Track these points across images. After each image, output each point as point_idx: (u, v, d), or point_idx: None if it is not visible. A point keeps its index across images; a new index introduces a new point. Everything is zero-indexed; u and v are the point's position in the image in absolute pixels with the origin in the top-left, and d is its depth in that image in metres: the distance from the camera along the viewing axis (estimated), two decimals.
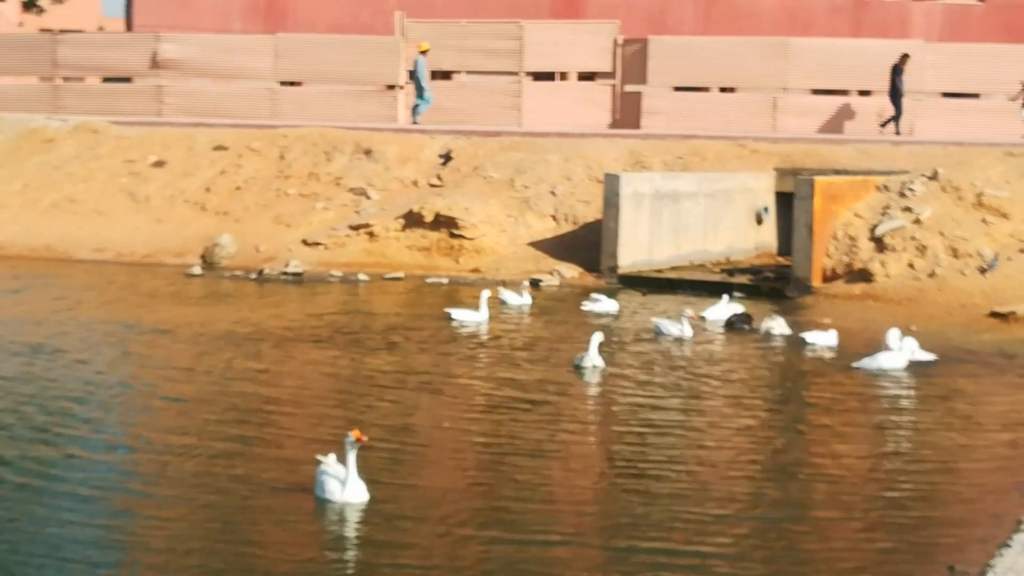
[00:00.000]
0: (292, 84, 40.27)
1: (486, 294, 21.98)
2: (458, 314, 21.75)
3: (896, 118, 35.65)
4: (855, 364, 18.03)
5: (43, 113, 38.14)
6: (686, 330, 20.31)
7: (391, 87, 39.05)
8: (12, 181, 33.67)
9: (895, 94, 35.55)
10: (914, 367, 18.01)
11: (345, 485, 11.49)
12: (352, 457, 11.47)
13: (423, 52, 36.92)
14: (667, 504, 11.78)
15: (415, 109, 37.25)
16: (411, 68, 37.61)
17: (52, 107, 39.82)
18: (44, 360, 18.15)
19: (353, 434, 11.53)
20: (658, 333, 20.50)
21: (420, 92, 37.14)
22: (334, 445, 12.17)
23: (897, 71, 35.43)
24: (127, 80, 42.05)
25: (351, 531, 11.04)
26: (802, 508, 11.83)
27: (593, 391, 17.23)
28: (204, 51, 40.04)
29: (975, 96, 38.06)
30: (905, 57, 35.55)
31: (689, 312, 20.69)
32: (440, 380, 17.45)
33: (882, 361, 17.85)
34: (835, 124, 36.80)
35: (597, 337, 18.14)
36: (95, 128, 35.47)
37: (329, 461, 11.73)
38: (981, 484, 12.51)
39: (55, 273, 27.99)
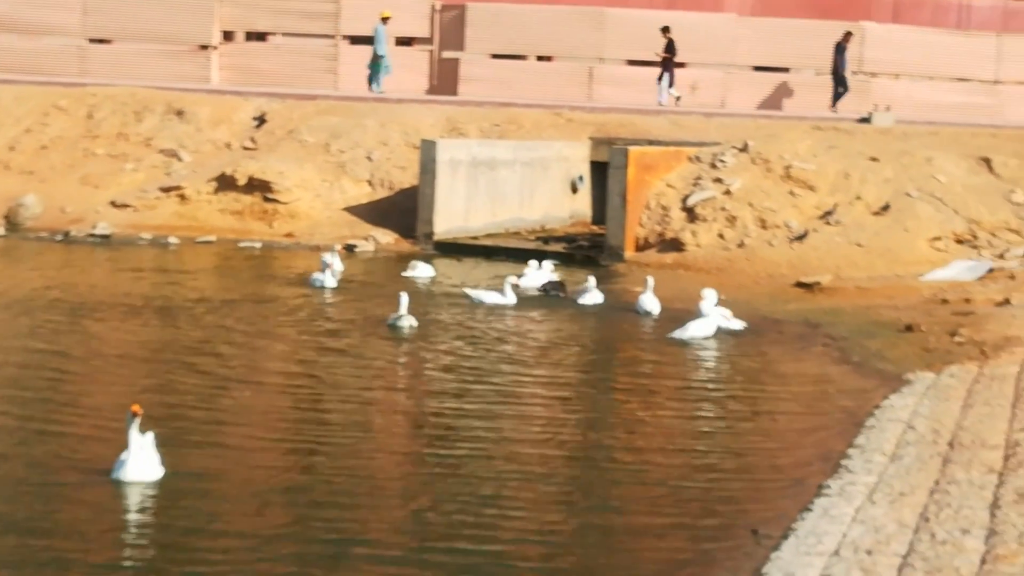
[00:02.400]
0: (102, 41, 39.12)
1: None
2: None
3: (840, 95, 35.44)
4: (670, 335, 18.26)
5: None
6: (509, 297, 20.32)
7: (204, 47, 38.25)
8: None
9: (837, 72, 35.50)
10: (724, 335, 18.35)
11: (126, 463, 10.81)
12: (134, 432, 10.78)
13: (384, 20, 35.90)
14: (471, 471, 11.77)
15: (370, 78, 36.13)
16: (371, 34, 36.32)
17: None
18: None
19: (132, 408, 10.84)
20: (476, 302, 20.46)
21: (375, 60, 36.08)
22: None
23: (840, 49, 35.48)
24: None
25: (132, 511, 10.44)
26: (607, 476, 11.92)
27: (406, 354, 17.20)
28: (10, 4, 38.65)
29: (785, 70, 38.87)
30: (848, 35, 35.70)
31: (513, 279, 20.69)
32: (251, 347, 17.22)
33: (694, 330, 18.12)
34: (649, 95, 37.22)
35: (405, 297, 18.37)
36: None
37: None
38: (786, 451, 12.78)
39: None
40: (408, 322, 18.18)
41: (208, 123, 31.40)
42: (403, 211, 27.82)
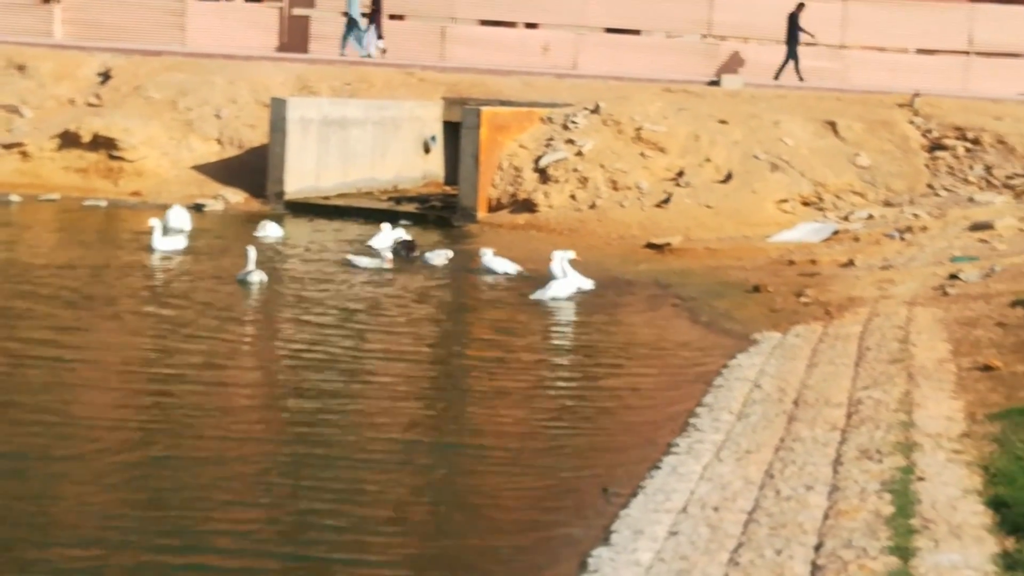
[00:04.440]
0: None
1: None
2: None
3: (792, 64, 35.12)
4: (532, 295, 18.30)
5: None
6: (385, 260, 20.11)
7: (46, 1, 37.18)
8: None
9: (792, 41, 35.16)
10: (576, 296, 18.45)
11: None
12: None
13: None
14: (319, 436, 11.71)
15: (349, 41, 34.97)
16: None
17: None
18: None
19: None
20: (352, 266, 20.13)
21: (351, 24, 35.11)
22: None
23: (794, 19, 35.23)
24: None
25: None
26: (459, 429, 12.00)
27: (256, 312, 17.02)
28: None
29: (636, 32, 39.07)
30: (801, 6, 35.53)
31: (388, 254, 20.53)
32: (88, 308, 16.86)
33: (554, 290, 18.17)
34: (502, 55, 37.15)
35: (252, 251, 18.40)
36: None
37: None
38: (636, 410, 12.91)
39: None
40: (258, 277, 18.24)
41: (51, 78, 30.59)
42: (253, 170, 27.44)
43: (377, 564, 8.81)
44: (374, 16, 35.89)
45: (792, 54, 35.14)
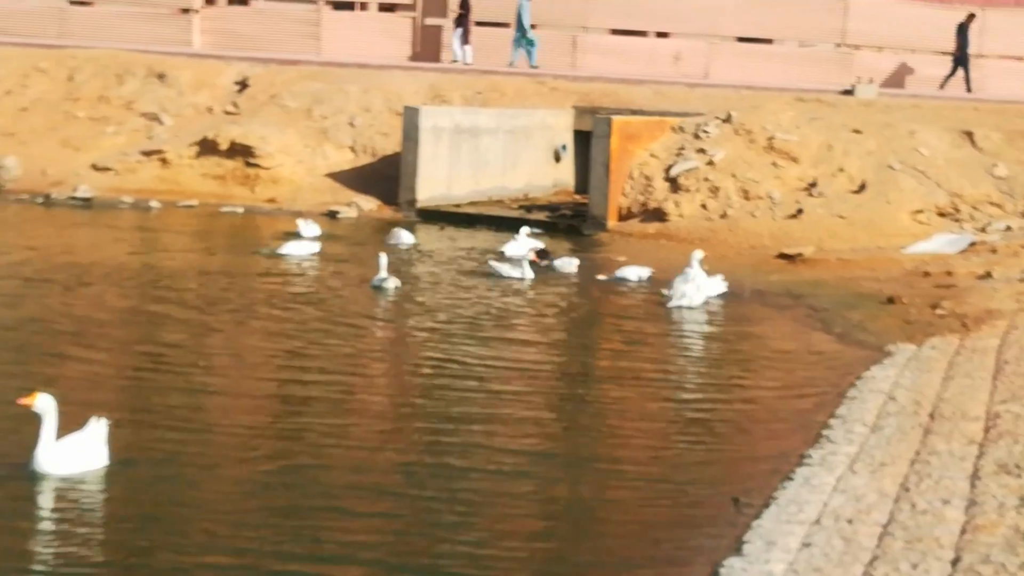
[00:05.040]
0: (82, 3, 38.88)
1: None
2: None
3: (963, 74, 34.84)
4: (670, 303, 18.31)
5: None
6: (527, 272, 20.05)
7: (185, 11, 38.02)
8: None
9: (962, 51, 34.95)
10: (707, 305, 18.40)
11: (36, 454, 10.09)
12: (47, 421, 10.08)
13: None
14: (460, 445, 11.75)
15: (527, 53, 35.63)
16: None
17: None
18: None
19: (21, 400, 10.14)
20: (494, 275, 20.15)
21: (521, 34, 35.59)
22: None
23: (963, 29, 35.03)
24: None
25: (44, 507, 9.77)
26: (589, 445, 11.93)
27: (390, 314, 17.22)
28: None
29: (768, 42, 38.83)
30: (971, 16, 35.34)
31: (530, 255, 20.59)
32: (230, 314, 17.13)
33: (687, 298, 18.09)
34: (633, 64, 37.15)
35: (384, 257, 18.70)
36: None
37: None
38: (767, 420, 12.83)
39: None
40: (391, 283, 18.48)
41: (190, 87, 31.25)
42: (386, 178, 27.75)
43: None
44: (462, 20, 36.14)
45: (963, 64, 34.64)
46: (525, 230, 23.02)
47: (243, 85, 31.30)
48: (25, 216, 25.34)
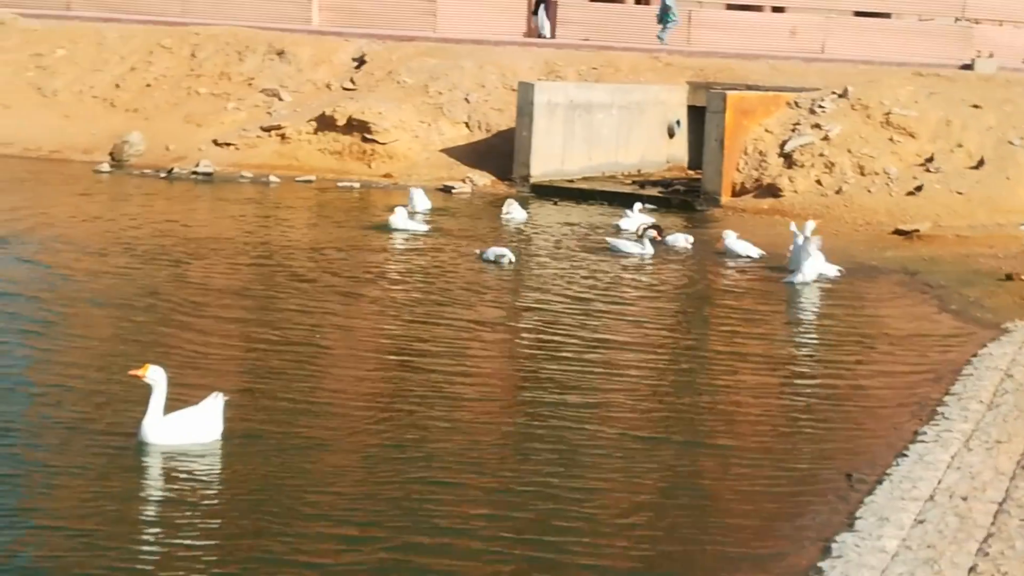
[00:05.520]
0: None
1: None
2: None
3: None
4: (784, 279, 18.32)
5: None
6: (647, 248, 20.20)
7: None
8: None
9: None
10: (821, 281, 18.37)
11: (143, 424, 10.33)
12: (156, 393, 10.32)
13: None
14: (571, 420, 11.81)
15: (667, 29, 35.88)
16: None
17: None
18: None
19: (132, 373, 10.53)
20: (615, 251, 20.30)
21: (665, 13, 35.94)
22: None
23: None
24: None
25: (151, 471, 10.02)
26: (704, 420, 11.97)
27: (500, 292, 17.40)
28: None
29: (886, 16, 38.38)
30: None
31: (652, 232, 20.69)
32: (346, 288, 17.39)
33: (800, 274, 18.08)
34: (748, 39, 36.95)
35: (499, 247, 19.14)
36: (1, 19, 34.67)
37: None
38: (881, 397, 12.82)
39: None
40: (505, 257, 18.74)
41: (309, 64, 31.72)
42: (500, 153, 27.97)
43: (618, 556, 8.77)
44: None
45: None
46: (638, 206, 23.16)
47: (360, 61, 31.68)
48: (148, 190, 25.92)
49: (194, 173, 27.63)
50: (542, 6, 36.54)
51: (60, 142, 29.85)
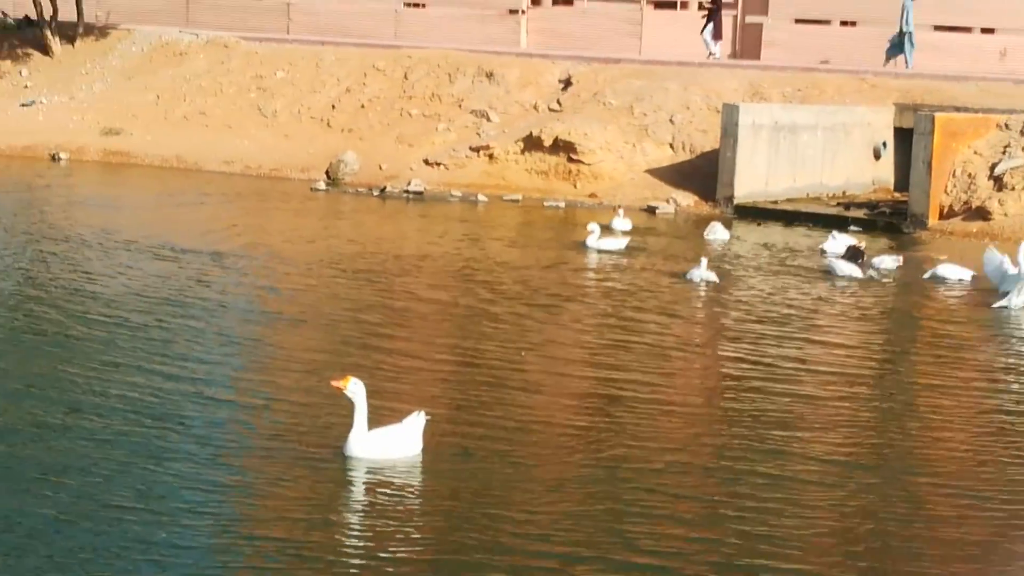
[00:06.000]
0: (416, 5, 40.74)
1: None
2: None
3: None
4: (994, 304, 18.12)
5: (176, 27, 39.10)
6: (855, 271, 20.24)
7: (513, 11, 39.35)
8: (146, 93, 34.74)
9: None
10: None
11: (349, 439, 10.64)
12: (358, 407, 10.60)
13: None
14: (777, 451, 11.83)
15: (890, 52, 36.04)
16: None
17: (184, 21, 40.74)
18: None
19: (333, 384, 10.76)
20: (831, 273, 20.42)
21: (900, 36, 36.10)
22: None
23: None
24: None
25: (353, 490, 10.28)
26: (905, 449, 11.75)
27: (706, 311, 17.66)
28: None
29: None
30: None
31: (861, 254, 20.76)
32: (554, 307, 17.80)
33: (1016, 298, 17.81)
34: (956, 61, 36.53)
35: (703, 258, 19.51)
36: (226, 43, 36.35)
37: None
38: None
39: (212, 186, 29.00)
40: (708, 276, 19.06)
41: (516, 85, 32.43)
42: (704, 174, 28.18)
43: None
44: (713, 16, 36.15)
45: None
46: (852, 229, 23.06)
47: (567, 83, 32.29)
48: (360, 208, 26.87)
49: (405, 191, 28.55)
50: (710, 25, 36.60)
51: (279, 161, 31.17)
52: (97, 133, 33.21)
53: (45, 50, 37.61)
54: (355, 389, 10.63)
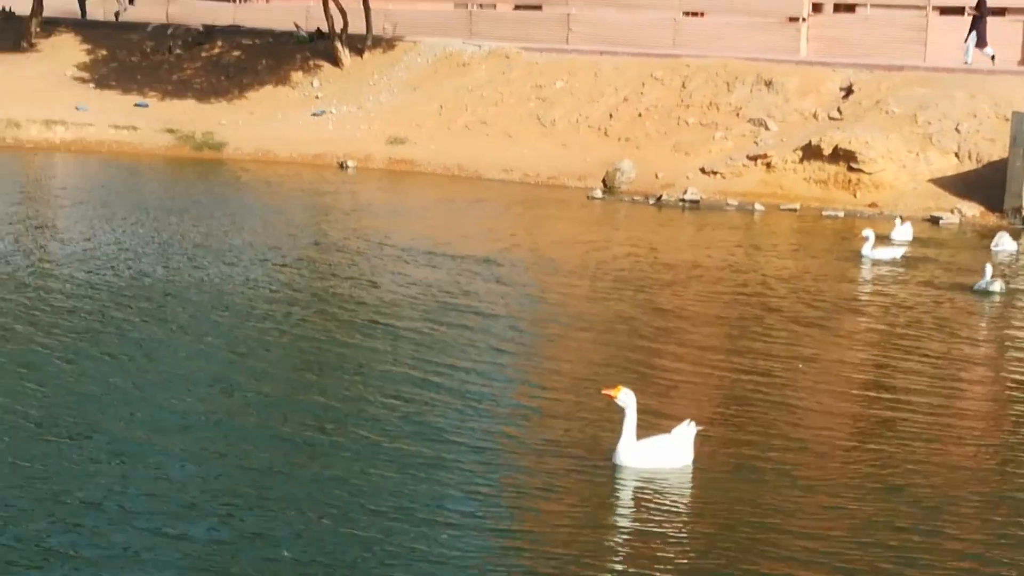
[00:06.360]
0: (695, 15, 40.70)
1: None
2: None
3: None
4: None
5: (459, 38, 40.07)
6: None
7: (794, 19, 38.89)
8: (429, 102, 35.71)
9: None
10: None
11: (618, 447, 10.76)
12: (628, 416, 10.69)
13: None
14: None
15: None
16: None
17: (467, 33, 41.70)
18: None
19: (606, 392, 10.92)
20: None
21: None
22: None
23: None
24: (537, 8, 43.54)
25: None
26: None
27: (991, 325, 17.16)
28: None
29: None
30: None
31: None
32: (826, 320, 17.64)
33: None
34: None
35: (989, 267, 19.04)
36: (507, 54, 37.07)
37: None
38: None
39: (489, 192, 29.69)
40: (997, 287, 18.63)
41: (795, 93, 32.07)
42: (991, 184, 27.32)
43: None
44: (977, 22, 34.53)
45: None
46: None
47: (848, 91, 31.76)
48: (636, 216, 27.00)
49: (681, 200, 28.57)
50: (973, 33, 35.14)
51: (557, 169, 31.60)
52: (383, 142, 34.30)
53: (335, 62, 39.06)
54: (626, 399, 10.70)
